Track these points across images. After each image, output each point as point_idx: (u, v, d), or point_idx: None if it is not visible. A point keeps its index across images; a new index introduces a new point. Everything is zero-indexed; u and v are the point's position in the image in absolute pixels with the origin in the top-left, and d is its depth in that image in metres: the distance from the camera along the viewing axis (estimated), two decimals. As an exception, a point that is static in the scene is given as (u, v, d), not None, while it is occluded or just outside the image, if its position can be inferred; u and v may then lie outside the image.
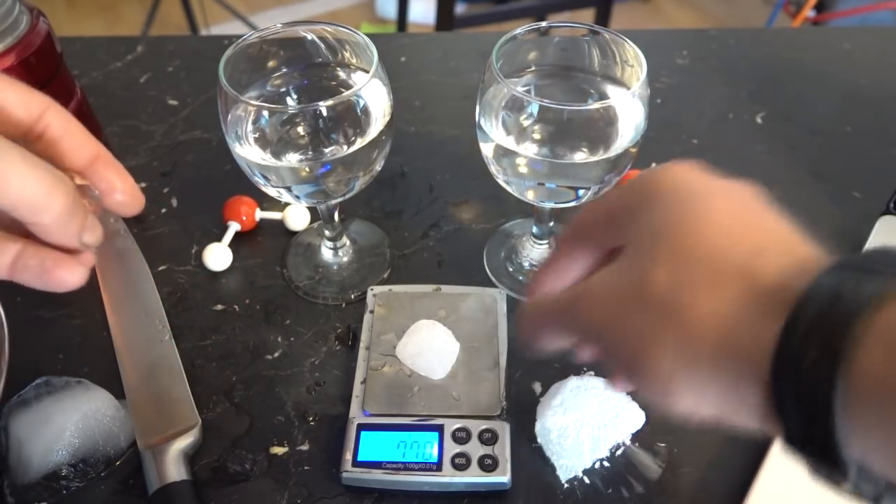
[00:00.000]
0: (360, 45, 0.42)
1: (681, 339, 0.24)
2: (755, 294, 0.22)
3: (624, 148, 0.39)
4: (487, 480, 0.37)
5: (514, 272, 0.50)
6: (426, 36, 0.76)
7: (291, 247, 0.52)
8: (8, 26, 0.47)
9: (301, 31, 0.43)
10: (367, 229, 0.53)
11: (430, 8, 1.51)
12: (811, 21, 1.78)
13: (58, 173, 0.27)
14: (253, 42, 0.41)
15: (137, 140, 0.61)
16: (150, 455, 0.38)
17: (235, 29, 2.16)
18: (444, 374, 0.41)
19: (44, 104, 0.29)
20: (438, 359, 0.41)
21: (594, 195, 0.41)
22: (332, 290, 0.49)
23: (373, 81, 0.39)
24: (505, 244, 0.52)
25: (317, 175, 0.40)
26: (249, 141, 0.40)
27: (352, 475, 0.37)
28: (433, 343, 0.41)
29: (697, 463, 0.40)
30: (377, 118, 0.41)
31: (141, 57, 0.71)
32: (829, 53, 0.71)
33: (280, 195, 0.42)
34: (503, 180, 0.43)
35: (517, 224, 0.54)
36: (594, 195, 0.41)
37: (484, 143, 0.42)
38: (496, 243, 0.53)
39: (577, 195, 0.41)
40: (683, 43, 0.73)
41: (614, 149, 0.39)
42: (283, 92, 0.44)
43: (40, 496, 0.38)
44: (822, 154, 0.59)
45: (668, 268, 0.25)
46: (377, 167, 0.42)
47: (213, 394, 0.43)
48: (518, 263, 0.51)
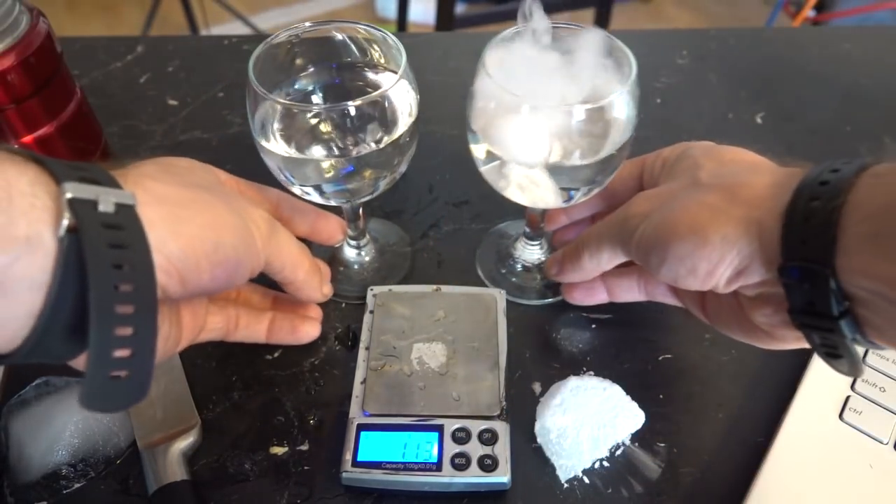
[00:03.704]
0: (388, 46, 0.42)
1: (740, 205, 0.31)
2: (786, 173, 0.32)
3: (615, 149, 0.38)
4: (487, 480, 0.37)
5: (506, 274, 0.50)
6: (426, 36, 0.76)
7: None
8: (8, 26, 0.47)
9: (332, 31, 0.43)
10: (388, 228, 0.54)
11: (430, 8, 1.51)
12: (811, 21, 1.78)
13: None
14: (281, 41, 0.42)
15: (137, 140, 0.61)
16: (150, 455, 0.38)
17: (235, 29, 2.16)
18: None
19: (275, 194, 0.41)
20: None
21: (583, 196, 0.41)
22: (355, 289, 0.49)
23: (401, 82, 0.39)
24: (498, 246, 0.52)
25: (343, 174, 0.40)
26: (277, 139, 0.40)
27: (351, 475, 0.38)
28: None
29: (697, 463, 0.40)
30: (404, 118, 0.41)
31: (141, 57, 0.71)
32: (829, 53, 0.71)
33: (307, 195, 0.42)
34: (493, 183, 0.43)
35: (510, 225, 0.53)
36: (583, 196, 0.41)
37: (475, 146, 0.42)
38: (489, 245, 0.52)
39: (570, 196, 0.41)
40: (683, 43, 0.73)
41: (606, 150, 0.38)
42: (311, 91, 0.44)
43: (40, 496, 0.38)
44: (822, 154, 0.59)
45: (711, 165, 0.35)
46: (403, 167, 0.43)
47: (213, 394, 0.43)
48: (511, 265, 0.51)
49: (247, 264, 0.32)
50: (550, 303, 0.48)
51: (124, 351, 0.25)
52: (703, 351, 0.45)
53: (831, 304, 0.27)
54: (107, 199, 0.25)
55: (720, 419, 0.42)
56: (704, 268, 0.32)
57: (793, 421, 0.40)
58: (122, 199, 0.26)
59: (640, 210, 0.36)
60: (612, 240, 0.38)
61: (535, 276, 0.50)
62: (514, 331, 0.45)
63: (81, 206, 0.24)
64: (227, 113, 0.64)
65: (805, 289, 0.28)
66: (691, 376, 0.44)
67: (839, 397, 0.40)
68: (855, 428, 0.39)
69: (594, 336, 0.46)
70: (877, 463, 0.38)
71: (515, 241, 0.51)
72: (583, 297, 0.44)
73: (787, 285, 0.29)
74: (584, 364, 0.44)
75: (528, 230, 0.49)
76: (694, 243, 0.31)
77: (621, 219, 0.37)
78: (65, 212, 0.24)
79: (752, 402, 0.42)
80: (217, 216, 0.30)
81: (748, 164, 0.35)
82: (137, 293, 0.25)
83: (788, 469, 0.38)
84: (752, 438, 0.40)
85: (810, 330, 0.30)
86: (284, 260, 0.35)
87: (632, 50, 0.38)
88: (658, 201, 0.36)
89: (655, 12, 2.39)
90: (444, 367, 0.42)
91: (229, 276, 0.31)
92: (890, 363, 0.42)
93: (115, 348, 0.25)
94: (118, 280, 0.24)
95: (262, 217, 0.34)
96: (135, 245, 0.25)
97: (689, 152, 0.38)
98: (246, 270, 0.33)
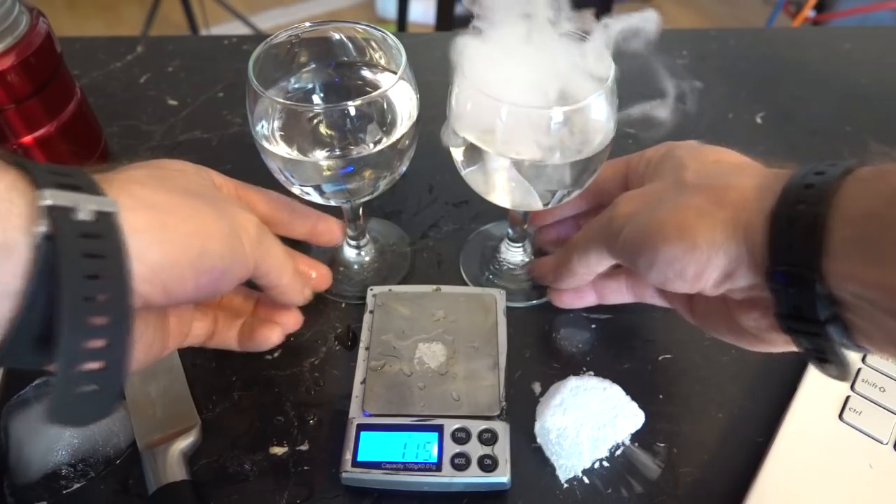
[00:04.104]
0: (388, 46, 0.42)
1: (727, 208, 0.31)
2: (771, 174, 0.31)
3: (595, 151, 0.38)
4: (487, 481, 0.37)
5: (491, 276, 0.50)
6: (426, 36, 0.76)
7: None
8: (8, 26, 0.47)
9: (331, 31, 0.43)
10: (388, 228, 0.54)
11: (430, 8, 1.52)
12: (811, 21, 1.78)
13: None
14: (281, 41, 0.42)
15: (137, 140, 0.61)
16: (150, 455, 0.38)
17: (235, 29, 2.16)
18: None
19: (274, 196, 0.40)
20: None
21: (566, 197, 0.41)
22: (355, 289, 0.49)
23: (401, 82, 0.39)
24: (482, 248, 0.52)
25: (343, 174, 0.40)
26: (277, 139, 0.40)
27: (351, 475, 0.38)
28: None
29: (697, 463, 0.40)
30: (404, 119, 0.41)
31: (141, 57, 0.71)
32: (829, 53, 0.71)
33: (307, 195, 0.42)
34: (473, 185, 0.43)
35: (495, 226, 0.53)
36: (566, 197, 0.41)
37: (455, 150, 0.41)
38: (473, 247, 0.52)
39: (552, 197, 0.41)
40: (683, 43, 0.73)
41: (586, 151, 0.38)
42: (311, 90, 0.44)
43: (40, 496, 0.38)
44: (822, 154, 0.59)
45: (696, 166, 0.35)
46: (403, 167, 0.43)
47: (212, 394, 0.43)
48: (496, 267, 0.50)
49: (234, 272, 0.32)
50: (535, 304, 0.48)
51: (95, 363, 0.25)
52: (703, 351, 0.45)
53: (817, 309, 0.27)
54: (86, 207, 0.24)
55: (720, 419, 0.42)
56: (692, 271, 0.31)
57: (793, 421, 0.40)
58: (102, 207, 0.25)
59: (624, 211, 0.36)
60: (598, 241, 0.37)
61: (520, 278, 0.50)
62: (514, 331, 0.45)
63: (59, 214, 0.24)
64: (227, 113, 0.64)
65: (791, 293, 0.28)
66: (691, 376, 0.44)
67: (839, 397, 0.40)
68: (855, 428, 0.39)
69: (594, 336, 0.46)
70: (876, 463, 0.38)
71: (500, 242, 0.51)
72: (571, 301, 0.44)
73: (773, 290, 0.29)
74: (584, 364, 0.44)
75: (511, 232, 0.49)
76: (681, 247, 0.31)
77: (606, 220, 0.37)
78: (41, 219, 0.23)
79: (752, 402, 0.42)
80: (204, 223, 0.30)
81: (733, 164, 0.35)
82: (112, 305, 0.24)
83: (788, 469, 0.38)
84: (752, 438, 0.40)
85: (798, 335, 0.30)
86: (271, 265, 0.35)
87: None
88: (642, 201, 0.35)
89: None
90: (443, 367, 0.42)
91: (215, 284, 0.30)
92: (890, 363, 0.42)
93: (86, 361, 0.24)
94: (92, 291, 0.24)
95: (251, 222, 0.33)
96: (112, 255, 0.25)
97: (674, 152, 0.37)
98: (233, 278, 0.32)
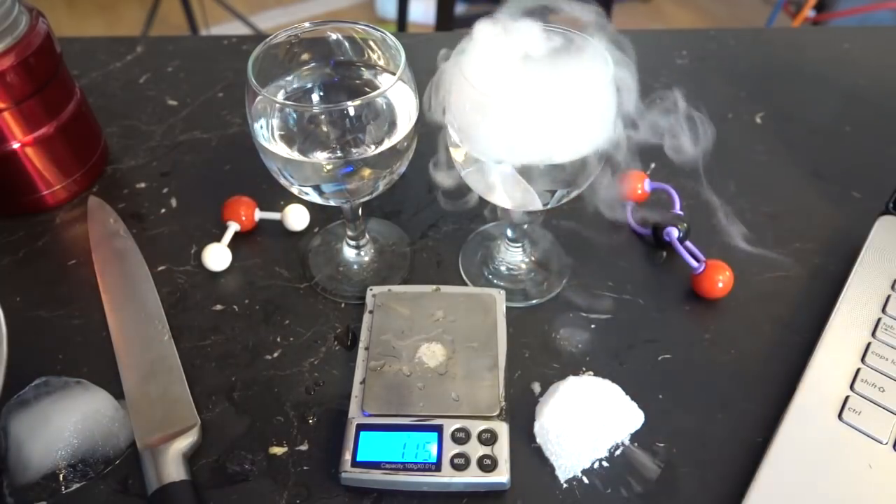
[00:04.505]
0: (387, 46, 0.42)
1: None
2: None
3: (590, 150, 0.38)
4: (486, 481, 0.37)
5: (491, 277, 0.50)
6: (426, 36, 0.76)
7: (312, 246, 0.52)
8: (7, 26, 0.47)
9: (331, 31, 0.43)
10: (387, 228, 0.54)
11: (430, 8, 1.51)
12: (811, 21, 1.78)
13: None
14: (280, 41, 0.42)
15: (137, 140, 0.61)
16: (150, 455, 0.38)
17: (235, 29, 2.16)
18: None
19: None
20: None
21: (565, 198, 0.41)
22: (355, 289, 0.49)
23: (400, 83, 0.39)
24: (481, 248, 0.52)
25: (342, 174, 0.40)
26: (276, 139, 0.40)
27: (351, 475, 0.38)
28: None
29: (697, 463, 0.40)
30: (404, 119, 0.41)
31: (141, 57, 0.71)
32: (829, 53, 0.71)
33: (306, 195, 0.42)
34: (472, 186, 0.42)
35: (495, 226, 0.53)
36: (565, 198, 0.41)
37: (454, 150, 0.41)
38: (473, 246, 0.52)
39: (552, 197, 0.41)
40: (683, 43, 0.73)
41: (581, 151, 0.38)
42: (311, 90, 0.44)
43: (39, 496, 0.38)
44: (821, 154, 0.59)
45: None
46: (402, 168, 0.43)
47: (212, 394, 0.43)
48: (495, 268, 0.50)
49: None
50: (535, 304, 0.48)
51: None
52: (703, 351, 0.45)
53: None
54: None
55: (720, 419, 0.42)
56: None
57: (792, 421, 0.40)
58: None
59: None
60: None
61: (520, 278, 0.50)
62: (514, 331, 0.46)
63: None
64: (227, 113, 0.64)
65: None
66: (691, 376, 0.44)
67: (838, 397, 0.40)
68: (854, 428, 0.39)
69: (594, 336, 0.46)
70: (876, 463, 0.38)
71: (498, 242, 0.51)
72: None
73: None
74: (584, 364, 0.44)
75: (510, 232, 0.49)
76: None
77: None
78: None
79: (752, 402, 0.42)
80: None
81: None
82: None
83: (788, 469, 0.38)
84: (752, 438, 0.40)
85: None
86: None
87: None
88: None
89: (655, 12, 2.39)
90: (443, 367, 0.42)
91: None
92: (890, 363, 0.42)
93: None
94: None
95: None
96: None
97: None
98: None
